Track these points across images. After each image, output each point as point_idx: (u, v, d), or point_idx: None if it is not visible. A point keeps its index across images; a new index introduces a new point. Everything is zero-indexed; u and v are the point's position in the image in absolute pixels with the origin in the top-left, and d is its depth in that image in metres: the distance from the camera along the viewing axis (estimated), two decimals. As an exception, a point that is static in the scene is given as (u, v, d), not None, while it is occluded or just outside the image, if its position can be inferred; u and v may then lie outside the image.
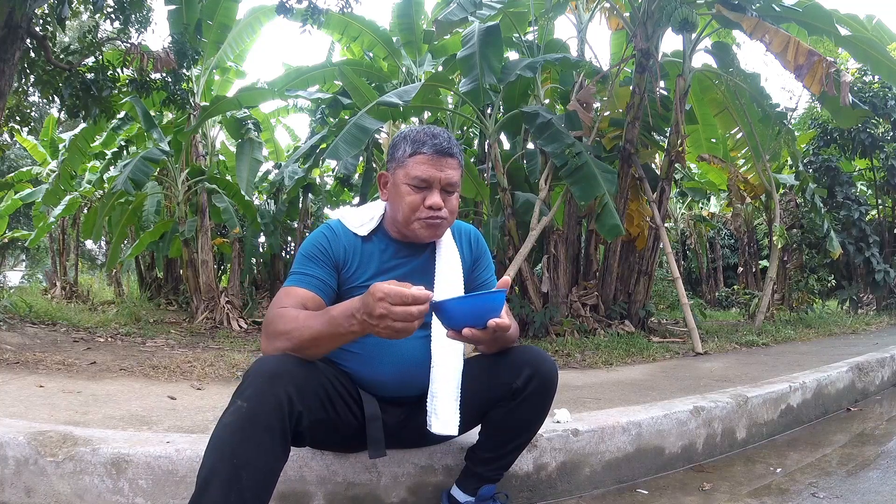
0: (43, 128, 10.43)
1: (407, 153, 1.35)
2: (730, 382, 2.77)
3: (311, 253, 1.37)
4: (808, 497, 1.68)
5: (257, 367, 1.14)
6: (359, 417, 1.35)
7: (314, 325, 1.15)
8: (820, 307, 7.56)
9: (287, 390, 1.11)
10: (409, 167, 1.33)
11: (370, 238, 1.42)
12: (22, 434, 1.43)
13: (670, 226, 12.22)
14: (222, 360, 3.38)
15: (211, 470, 1.07)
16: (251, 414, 1.08)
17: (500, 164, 5.77)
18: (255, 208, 8.74)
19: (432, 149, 1.33)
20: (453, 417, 1.33)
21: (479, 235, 1.56)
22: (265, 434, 1.08)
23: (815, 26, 5.01)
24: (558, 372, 1.41)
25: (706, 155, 7.06)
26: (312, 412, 1.18)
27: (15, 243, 15.28)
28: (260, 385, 1.10)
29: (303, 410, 1.14)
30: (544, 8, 5.71)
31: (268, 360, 1.16)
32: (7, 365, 2.96)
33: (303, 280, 1.32)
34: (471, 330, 1.14)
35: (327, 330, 1.13)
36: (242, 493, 1.06)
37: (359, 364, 1.38)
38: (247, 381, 1.13)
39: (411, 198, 1.33)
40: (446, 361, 1.36)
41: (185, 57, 5.16)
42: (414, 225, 1.35)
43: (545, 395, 1.37)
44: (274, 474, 1.13)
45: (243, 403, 1.09)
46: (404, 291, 1.03)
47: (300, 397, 1.13)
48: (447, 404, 1.33)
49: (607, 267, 5.62)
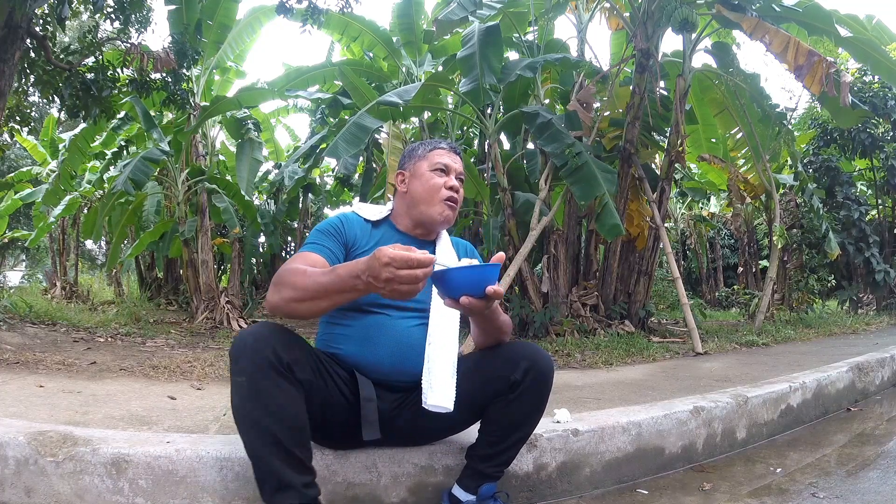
0: (43, 128, 10.43)
1: (427, 149, 1.58)
2: (730, 382, 2.77)
3: (325, 230, 1.49)
4: (808, 497, 1.68)
5: (239, 340, 1.24)
6: (349, 399, 1.39)
7: (321, 279, 1.21)
8: (820, 307, 7.56)
9: (273, 347, 1.21)
10: (432, 158, 1.55)
11: (379, 226, 1.57)
12: (22, 434, 1.43)
13: (670, 226, 12.22)
14: (222, 360, 3.38)
15: (251, 446, 1.22)
16: (252, 381, 1.19)
17: (500, 164, 5.77)
18: (255, 208, 8.74)
19: (447, 146, 1.59)
20: (449, 391, 1.35)
21: (474, 249, 1.68)
22: (273, 387, 1.20)
23: (815, 26, 5.01)
24: (553, 365, 1.46)
25: (706, 155, 7.06)
26: (301, 367, 1.26)
27: (15, 243, 15.27)
28: (248, 354, 1.20)
29: (290, 363, 1.22)
30: (544, 8, 5.71)
31: (245, 332, 1.25)
32: (7, 365, 2.96)
33: (315, 248, 1.42)
34: (468, 298, 1.18)
35: (332, 286, 1.19)
36: (288, 445, 1.20)
37: (355, 346, 1.43)
38: (234, 356, 1.23)
39: (435, 181, 1.52)
40: (441, 340, 1.40)
41: (185, 57, 5.16)
42: (438, 207, 1.51)
43: (543, 387, 1.42)
44: (302, 413, 1.24)
45: (241, 378, 1.21)
46: (409, 256, 1.08)
47: (285, 350, 1.22)
48: (443, 378, 1.36)
49: (607, 267, 5.61)
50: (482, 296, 1.18)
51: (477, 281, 1.16)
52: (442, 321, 1.43)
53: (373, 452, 1.51)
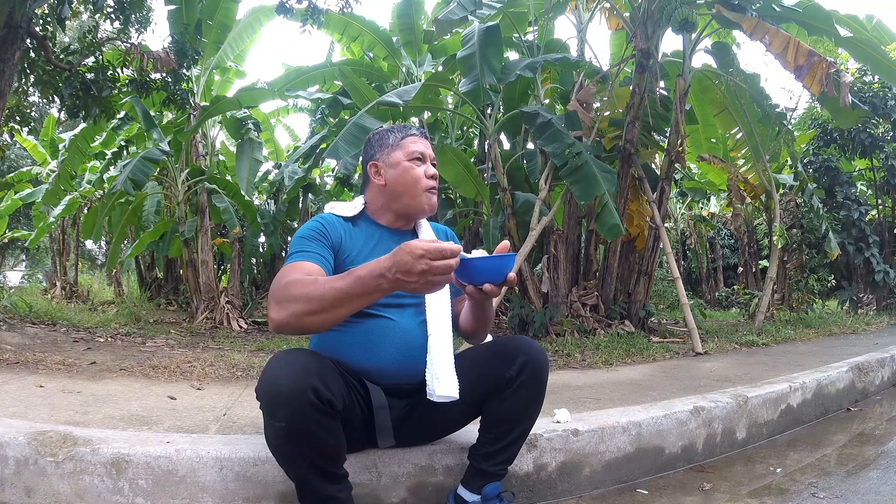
0: (43, 128, 10.43)
1: (399, 137, 1.52)
2: (730, 382, 2.77)
3: (308, 235, 1.42)
4: (808, 497, 1.68)
5: (271, 384, 1.17)
6: (363, 409, 1.38)
7: (338, 285, 1.15)
8: (820, 307, 7.55)
9: (312, 386, 1.15)
10: (407, 146, 1.50)
11: (357, 223, 1.53)
12: (22, 434, 1.43)
13: (670, 226, 12.21)
14: (222, 360, 3.37)
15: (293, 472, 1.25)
16: (292, 426, 1.16)
17: (500, 164, 5.77)
18: (255, 208, 8.74)
19: (417, 131, 1.55)
20: (454, 381, 1.36)
21: (453, 233, 1.69)
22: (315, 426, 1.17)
23: (815, 27, 5.01)
24: (548, 359, 1.48)
25: (706, 155, 7.06)
26: (338, 397, 1.22)
27: (15, 243, 15.28)
28: (285, 401, 1.15)
29: (330, 398, 1.18)
30: (544, 8, 5.71)
31: (277, 372, 1.18)
32: (7, 365, 2.96)
33: (306, 256, 1.36)
34: (491, 286, 1.25)
35: (353, 290, 1.14)
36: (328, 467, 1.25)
37: (361, 353, 1.40)
38: (271, 403, 1.17)
39: (416, 171, 1.48)
40: (440, 331, 1.42)
41: (185, 57, 5.16)
42: (423, 197, 1.48)
43: (538, 381, 1.43)
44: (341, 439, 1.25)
45: (280, 424, 1.17)
46: (443, 246, 1.08)
47: (324, 384, 1.18)
48: (446, 368, 1.37)
49: (607, 267, 5.61)
50: (502, 282, 1.25)
51: (499, 269, 1.24)
52: (438, 313, 1.44)
53: (373, 452, 1.51)
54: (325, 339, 1.43)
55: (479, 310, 1.45)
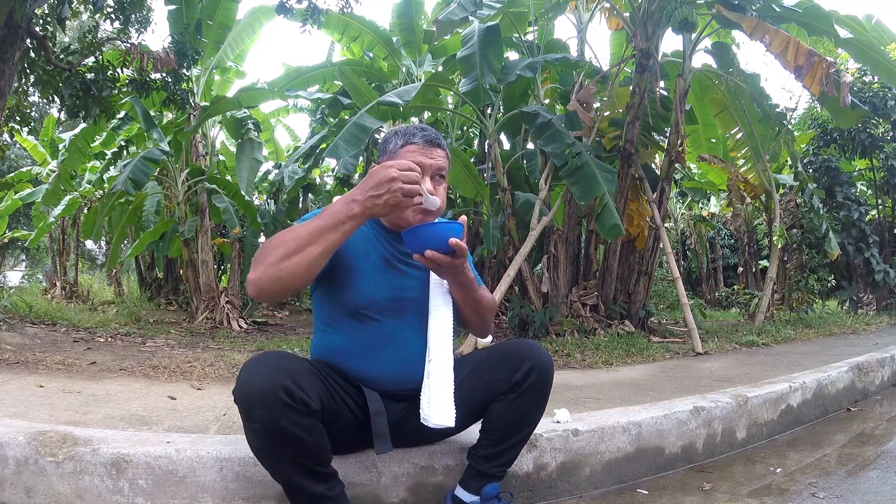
0: (43, 128, 10.43)
1: (399, 145, 1.42)
2: (730, 382, 2.77)
3: (304, 218, 1.42)
4: (808, 497, 1.68)
5: (244, 385, 1.17)
6: (357, 413, 1.37)
7: (311, 222, 1.21)
8: (820, 307, 7.55)
9: (282, 385, 1.15)
10: (402, 156, 1.39)
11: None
12: (22, 434, 1.43)
13: (670, 226, 12.22)
14: (222, 360, 3.38)
15: (278, 473, 1.25)
16: (268, 427, 1.16)
17: (500, 164, 5.77)
18: (255, 208, 8.74)
19: (422, 139, 1.41)
20: (450, 408, 1.34)
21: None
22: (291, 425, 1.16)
23: (815, 27, 5.01)
24: (553, 364, 1.47)
25: (706, 155, 7.06)
26: (313, 398, 1.20)
27: (15, 243, 15.28)
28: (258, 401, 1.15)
29: (303, 399, 1.17)
30: (544, 8, 5.70)
31: (248, 374, 1.18)
32: (7, 365, 2.96)
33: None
34: (433, 252, 1.25)
35: (326, 222, 1.19)
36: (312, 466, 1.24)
37: (358, 360, 1.40)
38: (244, 405, 1.18)
39: None
40: (441, 355, 1.38)
41: (185, 57, 5.16)
42: (408, 213, 1.37)
43: (544, 387, 1.43)
44: (323, 438, 1.24)
45: (256, 425, 1.18)
46: (405, 161, 1.20)
47: (295, 384, 1.17)
48: (444, 396, 1.35)
49: (607, 267, 5.61)
50: (447, 250, 1.25)
51: (441, 234, 1.25)
52: (440, 336, 1.40)
53: (372, 452, 1.51)
54: (324, 347, 1.43)
55: (459, 290, 1.41)
